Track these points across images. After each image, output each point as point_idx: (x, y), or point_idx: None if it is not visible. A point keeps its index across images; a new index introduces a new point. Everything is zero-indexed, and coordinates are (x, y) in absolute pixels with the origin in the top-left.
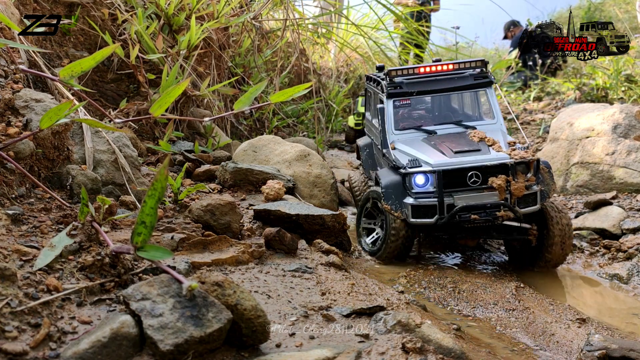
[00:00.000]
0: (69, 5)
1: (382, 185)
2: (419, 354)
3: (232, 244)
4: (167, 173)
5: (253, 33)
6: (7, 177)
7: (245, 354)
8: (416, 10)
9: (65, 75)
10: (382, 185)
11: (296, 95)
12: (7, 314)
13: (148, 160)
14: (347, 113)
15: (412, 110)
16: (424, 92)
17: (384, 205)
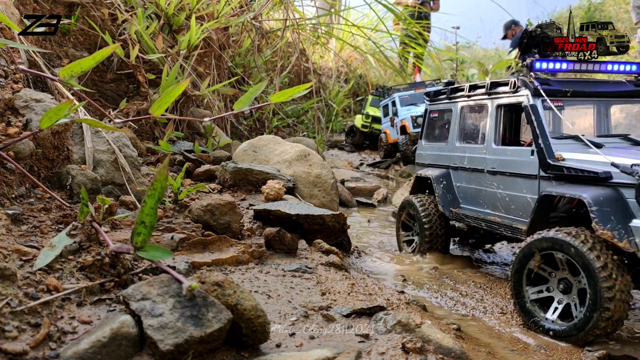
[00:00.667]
0: (69, 5)
1: (590, 201)
2: (419, 354)
3: (232, 244)
4: (167, 173)
5: (253, 33)
6: (7, 177)
7: (245, 354)
8: (416, 10)
9: (65, 75)
10: (590, 201)
11: (296, 95)
12: (7, 313)
13: (148, 160)
14: (347, 113)
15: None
16: (582, 94)
17: (600, 232)
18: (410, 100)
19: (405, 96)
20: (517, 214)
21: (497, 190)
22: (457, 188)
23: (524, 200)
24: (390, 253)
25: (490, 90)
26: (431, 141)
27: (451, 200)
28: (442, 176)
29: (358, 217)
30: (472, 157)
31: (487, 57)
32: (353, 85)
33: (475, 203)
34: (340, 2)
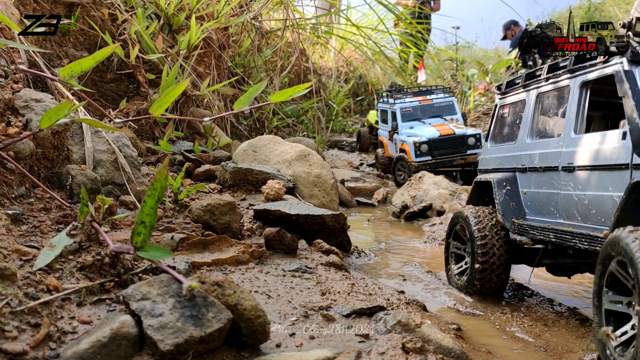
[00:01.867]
0: (69, 5)
1: None
2: (419, 354)
3: (232, 244)
4: (166, 173)
5: (253, 33)
6: (7, 177)
7: (245, 354)
8: (417, 10)
9: (65, 75)
10: None
11: (296, 95)
12: (7, 313)
13: (148, 160)
14: (346, 113)
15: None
16: None
17: None
18: (413, 114)
19: (407, 108)
20: (597, 220)
21: (573, 192)
22: (524, 195)
23: (607, 201)
24: (390, 253)
25: (575, 65)
26: (498, 142)
27: (515, 209)
28: (506, 180)
29: (358, 217)
30: (545, 154)
31: (487, 57)
32: (353, 85)
33: (544, 212)
34: (340, 2)
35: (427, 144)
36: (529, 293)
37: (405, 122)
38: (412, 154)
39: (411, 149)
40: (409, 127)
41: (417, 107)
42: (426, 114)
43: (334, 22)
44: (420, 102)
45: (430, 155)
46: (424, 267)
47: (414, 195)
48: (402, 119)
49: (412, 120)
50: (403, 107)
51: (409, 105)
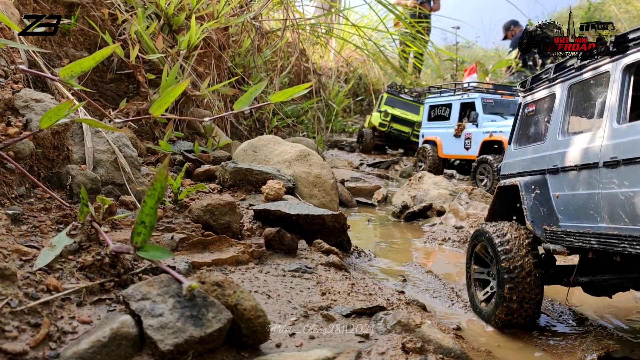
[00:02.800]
0: (69, 5)
1: None
2: (419, 354)
3: (232, 244)
4: (166, 173)
5: (253, 33)
6: (7, 177)
7: (245, 354)
8: (417, 10)
9: (65, 75)
10: None
11: (296, 95)
12: (7, 313)
13: (148, 160)
14: (346, 113)
15: None
16: None
17: None
18: (494, 108)
19: (489, 100)
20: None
21: (618, 189)
22: (556, 199)
23: None
24: (390, 253)
25: (616, 47)
26: (523, 144)
27: (546, 215)
28: (535, 183)
29: (358, 217)
30: (581, 150)
31: (487, 57)
32: (353, 85)
33: (581, 216)
34: (340, 2)
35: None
36: None
37: (487, 115)
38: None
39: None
40: (490, 120)
41: (499, 101)
42: (507, 110)
43: (334, 22)
44: (502, 96)
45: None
46: (424, 267)
47: (414, 195)
48: (483, 110)
49: (492, 114)
50: (485, 97)
51: (490, 96)
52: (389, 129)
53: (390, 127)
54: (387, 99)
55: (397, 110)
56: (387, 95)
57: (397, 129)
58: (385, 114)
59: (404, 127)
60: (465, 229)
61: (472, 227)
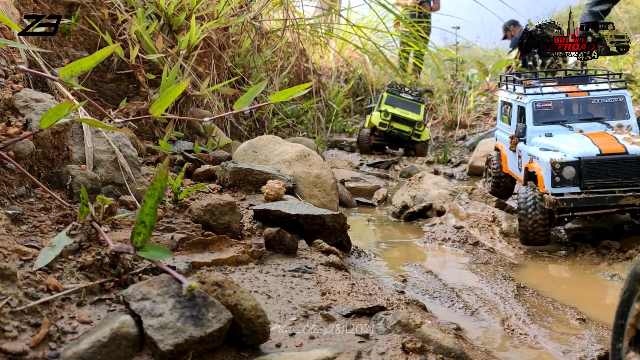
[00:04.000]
0: (69, 5)
1: None
2: (419, 354)
3: (232, 244)
4: (166, 173)
5: (253, 33)
6: (7, 177)
7: (245, 354)
8: (417, 10)
9: (65, 75)
10: None
11: (296, 95)
12: (7, 313)
13: (148, 160)
14: (346, 113)
15: None
16: None
17: None
18: (554, 114)
19: (546, 104)
20: None
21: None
22: None
23: None
24: (390, 253)
25: None
26: None
27: None
28: None
29: (358, 217)
30: None
31: (487, 57)
32: (353, 85)
33: None
34: (340, 2)
35: (575, 167)
36: (529, 294)
37: (540, 126)
38: (546, 181)
39: (546, 173)
40: (544, 133)
41: (562, 103)
42: (575, 114)
43: (334, 22)
44: (568, 95)
45: (580, 186)
46: (424, 267)
47: (414, 195)
48: (534, 119)
49: (550, 124)
50: (538, 100)
51: (548, 98)
52: (390, 129)
53: (390, 126)
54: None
55: (398, 110)
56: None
57: (398, 129)
58: (386, 113)
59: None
60: (465, 229)
61: (472, 227)
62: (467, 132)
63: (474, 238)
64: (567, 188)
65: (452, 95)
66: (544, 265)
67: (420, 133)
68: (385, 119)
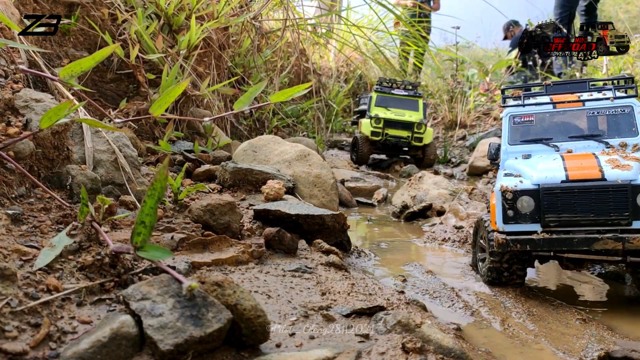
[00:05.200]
0: (69, 5)
1: None
2: (419, 354)
3: (232, 244)
4: (166, 173)
5: (253, 33)
6: (7, 177)
7: (245, 354)
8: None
9: (65, 75)
10: None
11: (296, 95)
12: (7, 313)
13: (148, 160)
14: (346, 113)
15: None
16: None
17: None
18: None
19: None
20: None
21: None
22: None
23: None
24: (390, 253)
25: None
26: None
27: None
28: None
29: (358, 217)
30: None
31: (487, 57)
32: (353, 85)
33: None
34: (340, 2)
35: (533, 197)
36: (529, 293)
37: (517, 145)
38: (497, 215)
39: (497, 204)
40: (521, 155)
41: (548, 116)
42: (565, 130)
43: (334, 22)
44: (556, 106)
45: (540, 222)
46: (424, 267)
47: (414, 195)
48: (510, 136)
49: (531, 142)
50: (517, 113)
51: (529, 110)
52: (384, 137)
53: (384, 134)
54: (378, 98)
55: (391, 112)
56: (376, 94)
57: (394, 135)
58: (377, 119)
59: (402, 132)
60: (465, 229)
61: (471, 227)
62: (467, 132)
63: None
64: (522, 225)
65: (452, 95)
66: (543, 265)
67: (421, 136)
68: (377, 126)
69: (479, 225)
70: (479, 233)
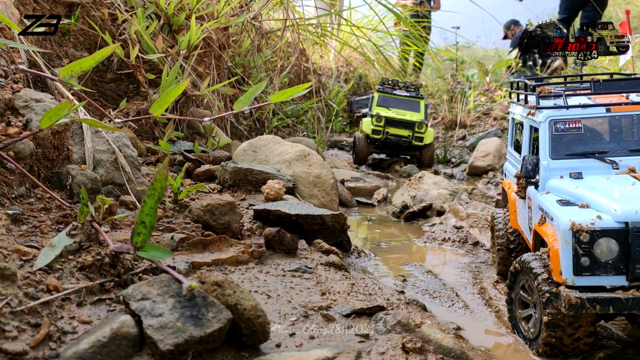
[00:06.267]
0: (69, 5)
1: None
2: (419, 354)
3: (232, 244)
4: (166, 173)
5: (253, 33)
6: (7, 177)
7: (245, 354)
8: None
9: (65, 75)
10: None
11: (296, 95)
12: (7, 313)
13: (148, 160)
14: (346, 113)
15: None
16: None
17: None
18: (589, 140)
19: (572, 124)
20: None
21: None
22: None
23: None
24: (390, 253)
25: None
26: None
27: None
28: None
29: (358, 217)
30: None
31: (487, 57)
32: (353, 85)
33: None
34: (341, 2)
35: (618, 239)
36: None
37: (562, 160)
38: (564, 262)
39: (564, 248)
40: (569, 172)
41: (600, 123)
42: (624, 142)
43: (334, 22)
44: (610, 109)
45: (627, 274)
46: (424, 267)
47: (414, 195)
48: (552, 149)
49: (580, 156)
50: (559, 118)
51: (577, 115)
52: (385, 136)
53: (385, 132)
54: (380, 98)
55: (393, 111)
56: (378, 94)
57: (395, 134)
58: (378, 118)
59: (403, 131)
60: (465, 229)
61: (471, 227)
62: (467, 132)
63: (473, 238)
64: (601, 277)
65: (452, 95)
66: None
67: (422, 135)
68: (379, 124)
69: (519, 271)
70: (519, 281)
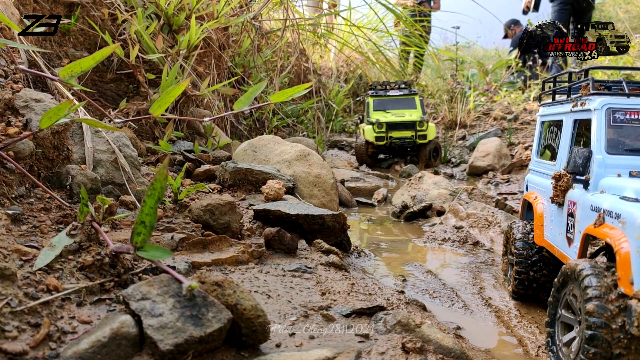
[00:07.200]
0: (69, 5)
1: None
2: (419, 353)
3: (232, 243)
4: (166, 173)
5: (253, 33)
6: (7, 177)
7: (245, 354)
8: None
9: (65, 75)
10: None
11: (296, 95)
12: (7, 313)
13: (148, 160)
14: (346, 113)
15: None
16: None
17: None
18: None
19: (631, 112)
20: None
21: None
22: None
23: None
24: (390, 253)
25: None
26: None
27: None
28: None
29: (358, 217)
30: None
31: (487, 57)
32: (353, 85)
33: None
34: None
35: None
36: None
37: (619, 155)
38: (635, 267)
39: (638, 253)
40: (629, 170)
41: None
42: None
43: (334, 22)
44: None
45: None
46: (424, 267)
47: (414, 195)
48: (609, 142)
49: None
50: (618, 107)
51: (637, 105)
52: (389, 141)
53: (389, 137)
54: (375, 103)
55: (391, 114)
56: (372, 99)
57: (399, 137)
58: (379, 124)
59: (405, 132)
60: (465, 229)
61: (472, 227)
62: (467, 132)
63: (473, 238)
64: None
65: (452, 95)
66: None
67: (424, 133)
68: (381, 131)
69: (566, 278)
70: (565, 293)
